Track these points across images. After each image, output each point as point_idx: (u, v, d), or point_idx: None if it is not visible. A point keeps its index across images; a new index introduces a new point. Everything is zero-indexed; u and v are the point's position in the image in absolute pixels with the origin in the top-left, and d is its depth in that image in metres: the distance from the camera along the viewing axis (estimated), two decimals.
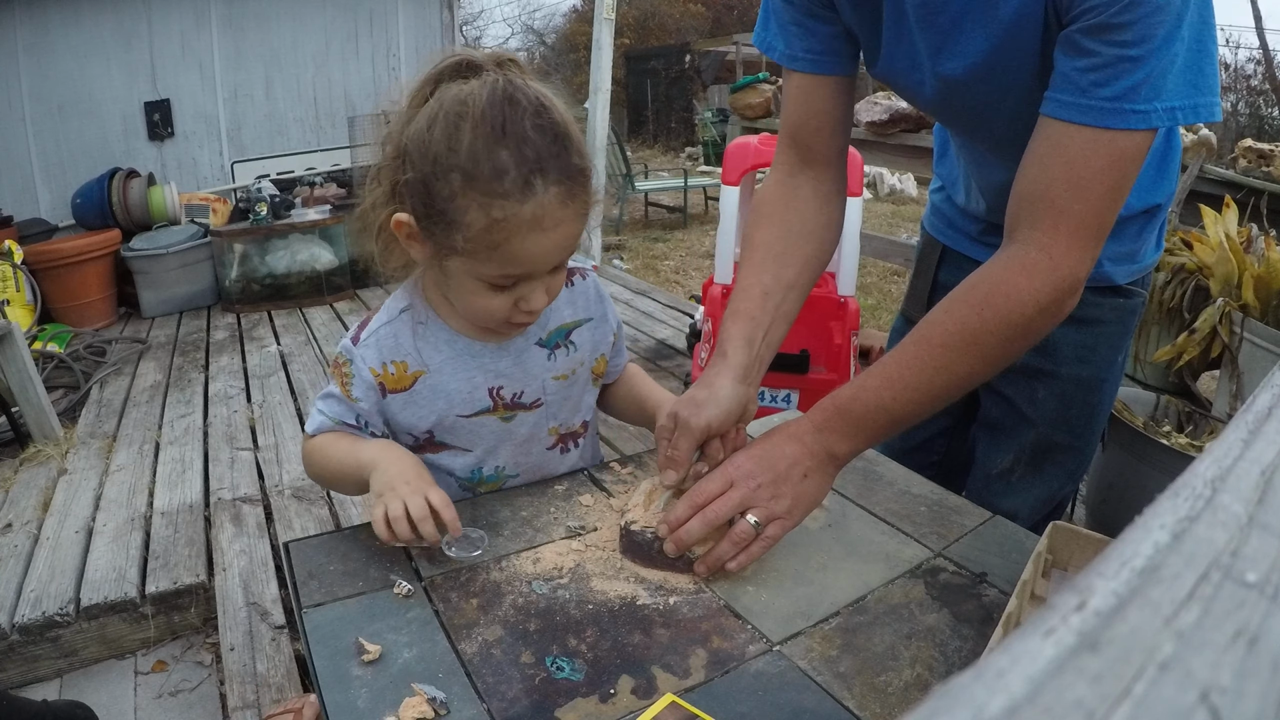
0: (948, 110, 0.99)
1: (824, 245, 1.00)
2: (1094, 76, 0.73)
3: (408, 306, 0.93)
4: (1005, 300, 0.78)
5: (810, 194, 1.00)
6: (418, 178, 0.77)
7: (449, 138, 0.75)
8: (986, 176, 1.07)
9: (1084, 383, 1.11)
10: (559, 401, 1.00)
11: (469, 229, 0.76)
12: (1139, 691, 0.18)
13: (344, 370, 0.92)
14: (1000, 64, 0.83)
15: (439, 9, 5.96)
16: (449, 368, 0.92)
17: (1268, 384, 0.42)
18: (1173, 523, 0.25)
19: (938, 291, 1.25)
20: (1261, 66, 10.65)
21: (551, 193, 0.76)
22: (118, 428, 2.86)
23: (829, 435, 0.83)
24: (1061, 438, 1.14)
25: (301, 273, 4.42)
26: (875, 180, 8.78)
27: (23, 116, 4.56)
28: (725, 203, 2.49)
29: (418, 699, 0.65)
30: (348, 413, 0.92)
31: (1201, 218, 2.64)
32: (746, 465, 0.82)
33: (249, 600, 1.86)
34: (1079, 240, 0.77)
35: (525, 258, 0.79)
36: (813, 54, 0.97)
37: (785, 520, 0.81)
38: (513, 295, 0.83)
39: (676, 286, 5.37)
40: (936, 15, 0.85)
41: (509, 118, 0.75)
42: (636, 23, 17.05)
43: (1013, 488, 1.19)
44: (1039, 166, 0.79)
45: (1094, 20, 0.72)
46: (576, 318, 1.00)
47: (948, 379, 0.80)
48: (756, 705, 0.66)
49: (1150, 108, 0.72)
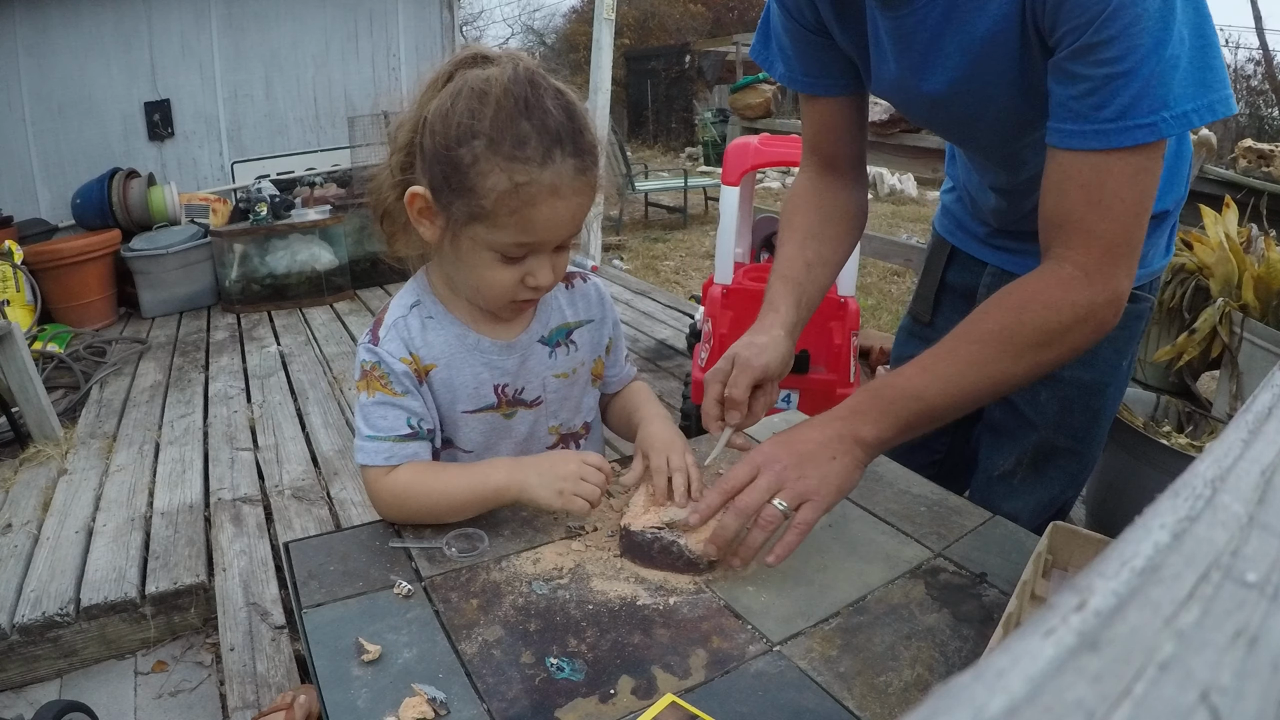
0: (935, 123, 1.01)
1: (854, 228, 1.10)
2: (1091, 100, 0.73)
3: (416, 302, 0.94)
4: (1043, 308, 0.79)
5: (839, 187, 1.08)
6: (439, 147, 0.79)
7: (473, 110, 0.78)
8: (984, 179, 1.09)
9: (1086, 386, 1.10)
10: (559, 400, 1.01)
11: (490, 193, 0.78)
12: (1139, 691, 0.18)
13: (376, 374, 0.90)
14: (979, 80, 0.85)
15: (439, 9, 5.96)
16: (457, 362, 0.93)
17: (1268, 384, 0.42)
18: (1173, 523, 0.25)
19: (944, 292, 1.26)
20: (1261, 66, 10.65)
21: (569, 164, 0.80)
22: (118, 428, 2.86)
23: (857, 419, 0.81)
24: (1063, 441, 1.14)
25: (301, 273, 4.42)
26: (875, 180, 8.78)
27: (23, 116, 4.56)
28: (725, 203, 2.49)
29: (418, 699, 0.65)
30: (399, 419, 0.90)
31: (1201, 218, 2.63)
32: (772, 450, 0.81)
33: (249, 600, 1.86)
34: (1112, 258, 0.77)
35: (541, 224, 0.81)
36: (812, 76, 1.02)
37: (816, 501, 0.77)
38: (521, 269, 0.86)
39: (676, 287, 5.37)
40: (912, 37, 0.86)
41: (531, 95, 0.79)
42: (636, 23, 17.04)
43: (1014, 490, 1.18)
44: (1058, 195, 0.79)
45: (1076, 43, 0.72)
46: (578, 318, 1.01)
47: (979, 375, 0.80)
48: (756, 705, 0.66)
49: (1157, 118, 0.71)
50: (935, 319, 1.27)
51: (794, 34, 1.00)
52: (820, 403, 2.29)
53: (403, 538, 0.90)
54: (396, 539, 0.90)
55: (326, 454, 2.59)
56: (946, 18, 0.82)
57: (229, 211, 4.67)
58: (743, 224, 2.69)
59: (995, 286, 1.13)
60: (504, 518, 0.94)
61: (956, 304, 1.23)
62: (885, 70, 0.94)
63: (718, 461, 0.94)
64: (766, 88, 4.74)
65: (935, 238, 1.28)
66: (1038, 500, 1.17)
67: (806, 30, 0.99)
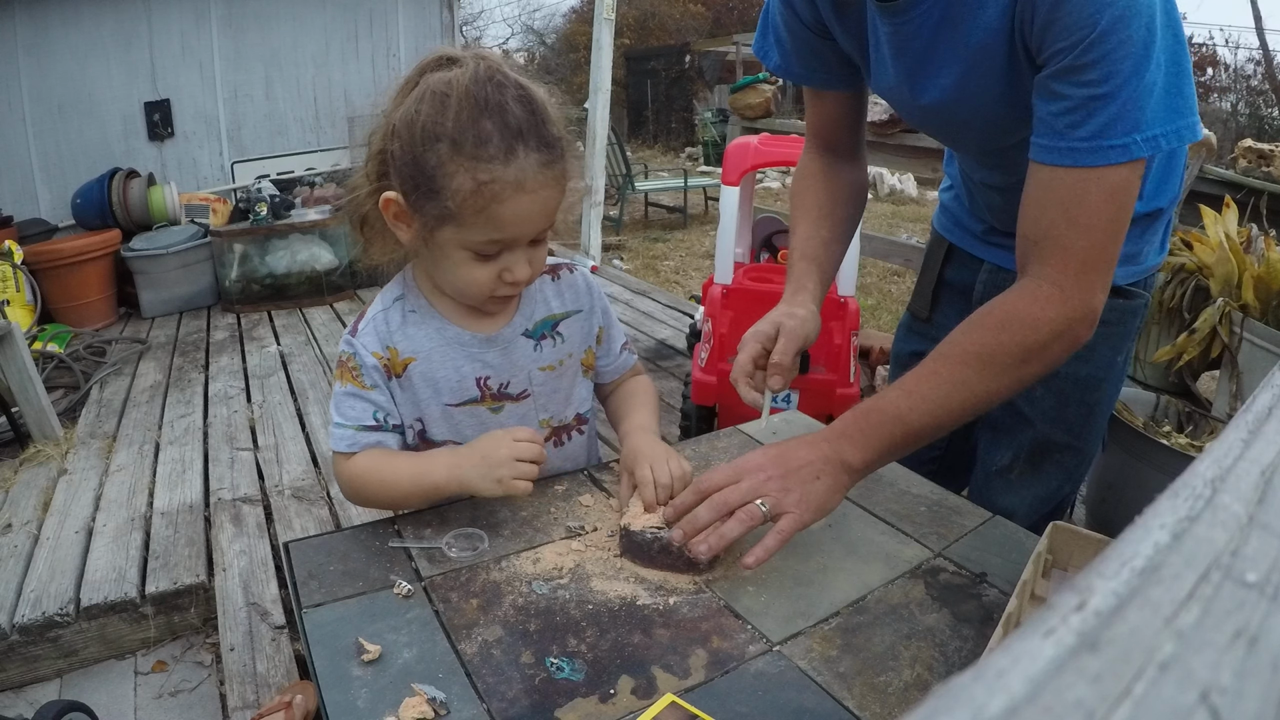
0: (928, 126, 1.05)
1: (859, 207, 1.17)
2: (1069, 119, 0.76)
3: (400, 296, 0.96)
4: (1021, 326, 0.81)
5: (842, 167, 1.14)
6: (407, 152, 0.81)
7: (436, 113, 0.79)
8: (981, 177, 1.11)
9: (1081, 381, 1.11)
10: (547, 393, 1.01)
11: (457, 194, 0.80)
12: (1139, 691, 0.18)
13: (349, 365, 0.93)
14: (969, 88, 0.88)
15: (439, 9, 5.96)
16: (438, 355, 0.95)
17: (1268, 384, 0.42)
18: (1173, 523, 0.25)
19: (943, 288, 1.27)
20: (1261, 66, 10.65)
21: (532, 159, 0.81)
22: (118, 428, 2.86)
23: (843, 442, 0.83)
24: (1060, 436, 1.15)
25: (301, 273, 4.42)
26: (875, 180, 8.78)
27: (23, 116, 4.55)
28: (725, 203, 2.48)
29: (418, 699, 0.65)
30: (365, 410, 0.93)
31: (1201, 218, 2.63)
32: (757, 460, 0.82)
33: (249, 600, 1.86)
34: (1087, 273, 0.80)
35: (509, 220, 0.83)
36: (807, 70, 1.07)
37: (795, 515, 0.78)
38: (497, 265, 0.87)
39: (676, 287, 5.37)
40: (910, 42, 0.89)
41: (491, 93, 0.80)
42: (636, 23, 17.03)
43: (1012, 486, 1.19)
44: (1037, 209, 0.82)
45: (1062, 64, 0.75)
46: (565, 309, 1.02)
47: (964, 395, 0.82)
48: (756, 705, 0.66)
49: (1129, 140, 0.75)
50: (934, 315, 1.29)
51: (793, 29, 1.03)
52: (820, 403, 2.29)
53: (403, 538, 0.90)
54: (397, 539, 0.90)
55: (326, 454, 2.59)
56: (941, 26, 0.85)
57: (229, 211, 4.67)
58: (743, 224, 2.69)
59: (991, 283, 1.16)
60: (504, 518, 0.94)
61: (954, 300, 1.25)
62: (884, 74, 0.97)
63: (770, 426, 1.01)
64: (766, 88, 4.74)
65: (934, 235, 1.31)
66: (1036, 495, 1.19)
67: (805, 27, 1.01)
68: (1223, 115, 10.11)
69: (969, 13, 0.82)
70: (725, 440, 1.16)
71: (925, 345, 1.30)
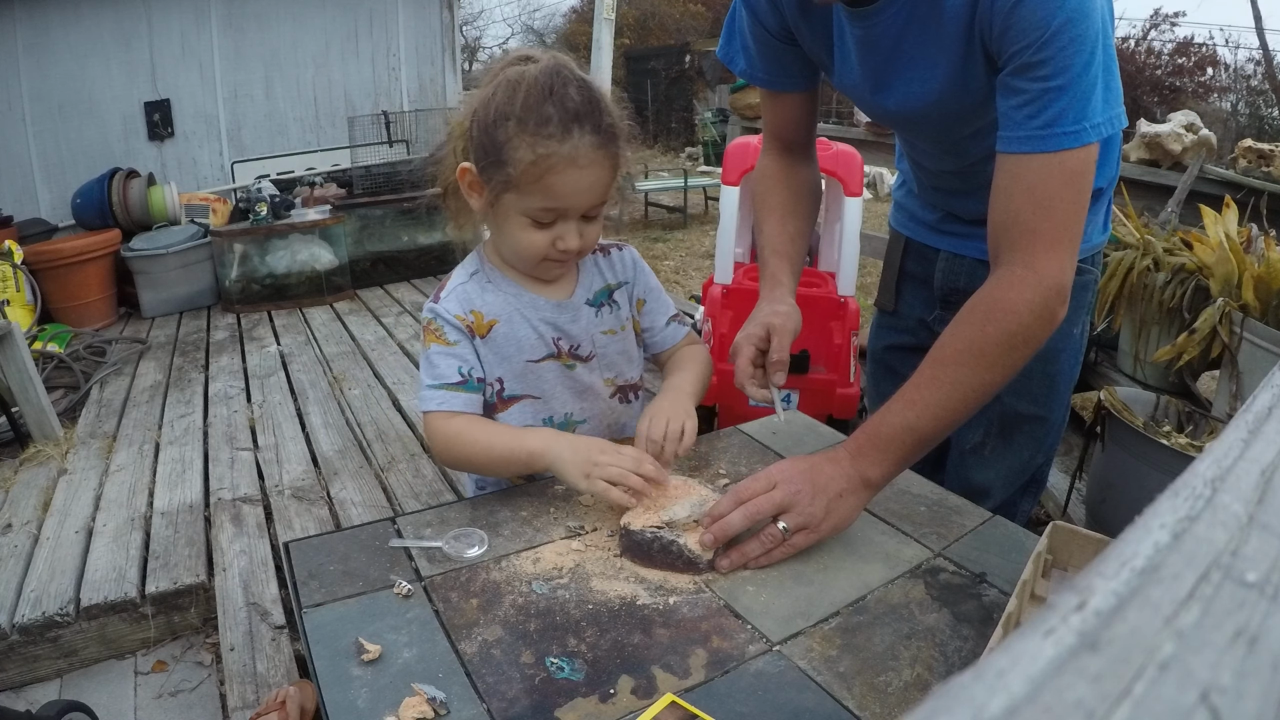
0: (889, 120, 1.12)
1: (816, 203, 1.27)
2: (1027, 110, 0.84)
3: (476, 270, 1.07)
4: (1003, 314, 0.87)
5: (800, 167, 1.23)
6: (482, 129, 0.93)
7: (508, 97, 0.91)
8: (932, 167, 1.19)
9: (1041, 355, 1.16)
10: (611, 355, 1.11)
11: (518, 164, 0.90)
12: (1139, 691, 0.18)
13: (434, 327, 1.02)
14: (932, 85, 0.96)
15: (439, 9, 5.95)
16: (517, 318, 1.04)
17: (1268, 384, 0.42)
18: (1173, 523, 0.25)
19: (904, 281, 1.36)
20: (1261, 66, 10.65)
21: (587, 139, 0.91)
22: (118, 428, 2.86)
23: (862, 461, 0.88)
24: (1025, 407, 1.22)
25: (301, 273, 4.42)
26: (875, 180, 8.77)
27: (23, 116, 4.55)
28: (725, 203, 2.48)
29: (418, 699, 0.65)
30: (451, 366, 1.00)
31: (1201, 218, 2.63)
32: (790, 471, 0.87)
33: (249, 600, 1.86)
34: (1055, 251, 0.87)
35: (562, 191, 0.93)
36: (771, 75, 1.14)
37: (812, 532, 0.85)
38: (551, 234, 0.97)
39: (676, 286, 5.37)
40: (878, 42, 0.97)
41: (555, 83, 0.91)
42: (636, 23, 17.03)
43: (985, 461, 1.27)
44: (1005, 197, 0.89)
45: (1020, 62, 0.83)
46: (616, 280, 1.13)
47: (964, 392, 0.87)
48: (756, 705, 0.66)
49: (1079, 127, 0.83)
50: (899, 305, 1.38)
51: (759, 37, 1.10)
52: (820, 403, 2.29)
53: (403, 537, 0.90)
54: (397, 539, 0.90)
55: (326, 454, 2.59)
56: (907, 28, 0.93)
57: (229, 211, 4.66)
58: (743, 224, 2.69)
59: (949, 270, 1.26)
60: (504, 518, 0.94)
61: (917, 290, 1.34)
62: (848, 73, 1.04)
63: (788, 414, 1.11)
64: None
65: (892, 233, 1.40)
66: (1009, 468, 1.27)
67: (771, 35, 1.09)
68: (1223, 115, 10.11)
69: (933, 16, 0.90)
70: (725, 440, 1.16)
71: (897, 337, 1.40)
